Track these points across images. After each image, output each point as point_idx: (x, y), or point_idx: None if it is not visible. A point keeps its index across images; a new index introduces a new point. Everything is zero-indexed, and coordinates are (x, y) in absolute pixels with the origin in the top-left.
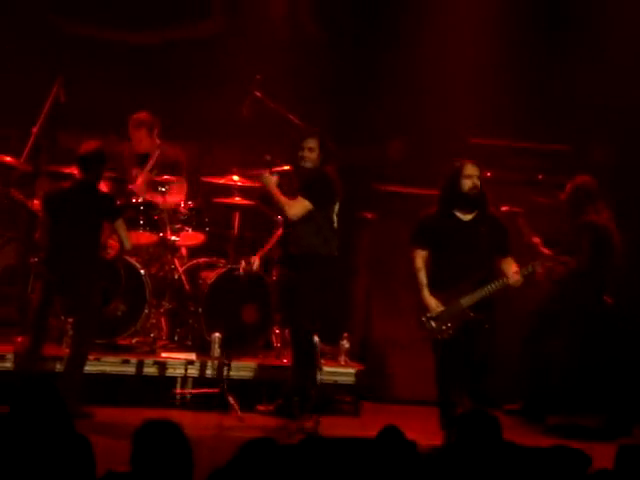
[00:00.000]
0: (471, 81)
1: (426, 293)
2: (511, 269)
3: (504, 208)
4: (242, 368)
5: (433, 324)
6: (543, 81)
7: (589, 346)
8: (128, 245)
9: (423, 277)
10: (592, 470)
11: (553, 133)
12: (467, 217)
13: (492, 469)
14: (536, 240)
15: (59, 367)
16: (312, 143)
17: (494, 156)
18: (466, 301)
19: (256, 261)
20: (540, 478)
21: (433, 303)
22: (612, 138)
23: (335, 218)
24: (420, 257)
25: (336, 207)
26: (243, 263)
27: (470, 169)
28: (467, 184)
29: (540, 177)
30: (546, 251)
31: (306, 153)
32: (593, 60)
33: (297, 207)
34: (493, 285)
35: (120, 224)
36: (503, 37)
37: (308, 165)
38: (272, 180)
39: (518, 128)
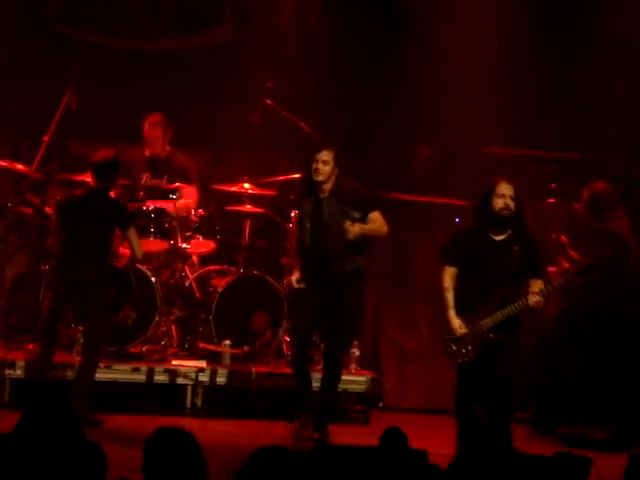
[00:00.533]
0: (487, 90)
1: (452, 314)
2: (532, 289)
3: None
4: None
5: (454, 347)
6: (559, 90)
7: (601, 355)
8: (139, 254)
9: (450, 297)
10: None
11: (568, 142)
12: (500, 237)
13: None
14: (564, 239)
15: (70, 375)
16: (326, 156)
17: (509, 165)
18: (487, 323)
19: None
20: None
21: (457, 324)
22: (627, 149)
23: None
24: (449, 275)
25: None
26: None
27: (503, 188)
28: (498, 204)
29: (553, 185)
30: (573, 253)
31: (320, 165)
32: (610, 71)
33: (382, 223)
34: (513, 307)
35: (132, 232)
36: (520, 45)
37: (321, 179)
38: (355, 229)
39: (534, 137)
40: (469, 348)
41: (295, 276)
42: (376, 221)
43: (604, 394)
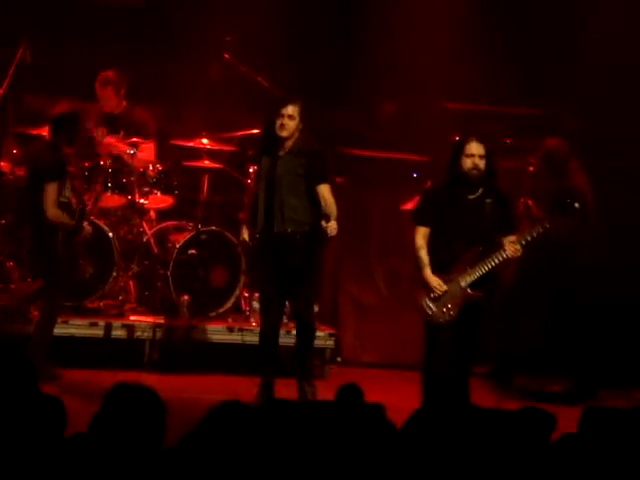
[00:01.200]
0: (445, 47)
1: (428, 272)
2: (508, 240)
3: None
4: (211, 331)
5: (433, 307)
6: (516, 46)
7: (558, 309)
8: (48, 213)
9: (425, 255)
10: (557, 433)
11: (525, 98)
12: (471, 195)
13: (459, 433)
14: (529, 202)
15: (29, 329)
16: (292, 110)
17: (465, 120)
18: (465, 279)
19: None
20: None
21: (435, 282)
22: (582, 103)
23: None
24: (421, 235)
25: None
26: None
27: (473, 148)
28: (467, 164)
29: (509, 141)
30: (538, 214)
31: (285, 120)
32: (565, 26)
33: (333, 201)
34: (492, 260)
35: (48, 187)
36: (480, 3)
37: (285, 134)
38: (334, 226)
39: (492, 93)
40: (449, 306)
41: (245, 233)
42: (329, 199)
43: (561, 348)
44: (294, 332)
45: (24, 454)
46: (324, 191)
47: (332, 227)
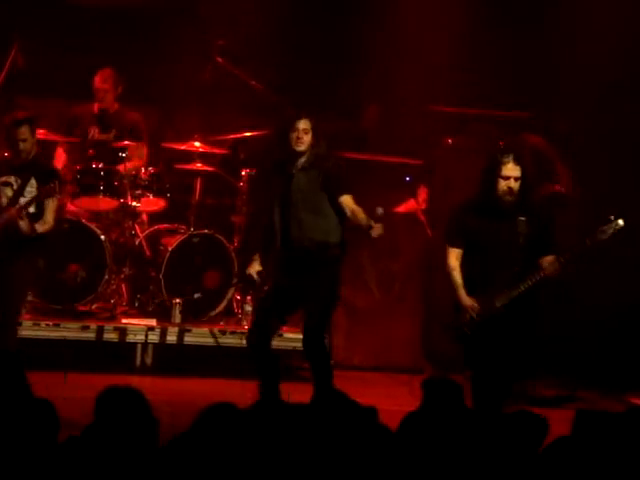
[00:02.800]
0: (434, 50)
1: (463, 293)
2: (546, 260)
3: None
4: (202, 334)
5: (467, 328)
6: (506, 49)
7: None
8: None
9: (458, 277)
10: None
11: (515, 101)
12: (504, 214)
13: (455, 435)
14: None
15: None
16: (306, 124)
17: (457, 124)
18: (501, 301)
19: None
20: (499, 443)
21: (469, 303)
22: (573, 106)
23: None
24: (454, 256)
25: None
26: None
27: (508, 169)
28: (502, 187)
29: (501, 144)
30: None
31: (301, 134)
32: (558, 26)
33: (357, 207)
34: (529, 280)
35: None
36: (468, 5)
37: (302, 148)
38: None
39: (481, 96)
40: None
41: (255, 268)
42: (355, 208)
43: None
44: (286, 335)
45: (17, 458)
46: (348, 201)
47: (377, 228)
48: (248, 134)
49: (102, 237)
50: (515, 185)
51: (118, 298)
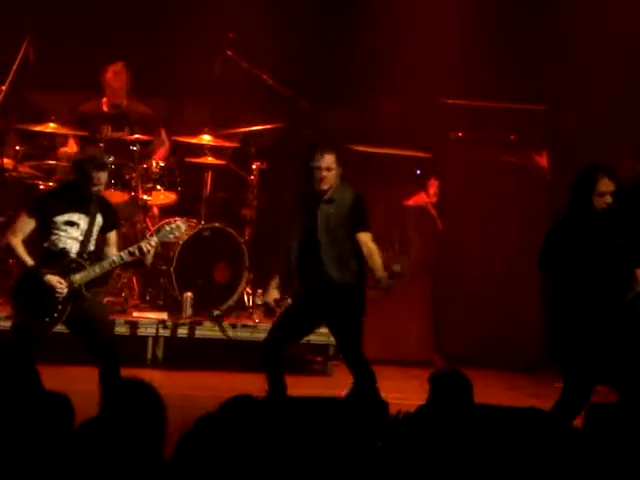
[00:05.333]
0: (446, 43)
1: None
2: None
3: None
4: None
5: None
6: (518, 41)
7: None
8: None
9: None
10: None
11: (526, 94)
12: (602, 234)
13: (464, 430)
14: None
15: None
16: (330, 161)
17: (468, 116)
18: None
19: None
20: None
21: None
22: (584, 100)
23: None
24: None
25: None
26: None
27: (605, 185)
28: (600, 204)
29: (512, 137)
30: None
31: (324, 173)
32: (569, 21)
33: (374, 248)
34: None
35: None
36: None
37: (326, 187)
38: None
39: (492, 89)
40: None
41: (272, 296)
42: (372, 248)
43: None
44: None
45: (34, 451)
46: (366, 240)
47: (388, 284)
48: (259, 127)
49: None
50: (612, 200)
51: (129, 292)
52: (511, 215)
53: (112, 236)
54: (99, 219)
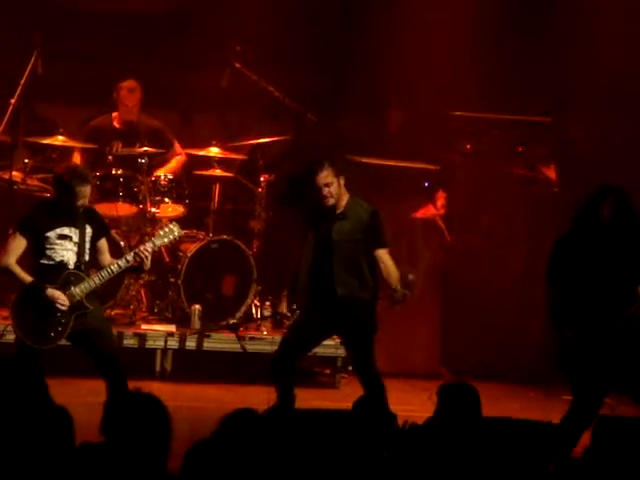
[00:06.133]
0: (453, 55)
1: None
2: None
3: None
4: (221, 340)
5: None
6: (526, 53)
7: None
8: None
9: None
10: None
11: (533, 106)
12: (608, 245)
13: (472, 442)
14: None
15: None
16: (327, 177)
17: (475, 128)
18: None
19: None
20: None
21: None
22: (591, 110)
23: None
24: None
25: None
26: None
27: (607, 207)
28: (607, 213)
29: (520, 149)
30: None
31: (325, 191)
32: (575, 33)
33: (391, 263)
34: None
35: None
36: (487, 10)
37: (331, 202)
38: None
39: (500, 101)
40: None
41: (285, 307)
42: (389, 264)
43: None
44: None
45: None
46: (384, 256)
47: (402, 294)
48: (266, 140)
49: (122, 243)
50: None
51: (137, 304)
52: (519, 227)
53: (103, 243)
54: (88, 229)
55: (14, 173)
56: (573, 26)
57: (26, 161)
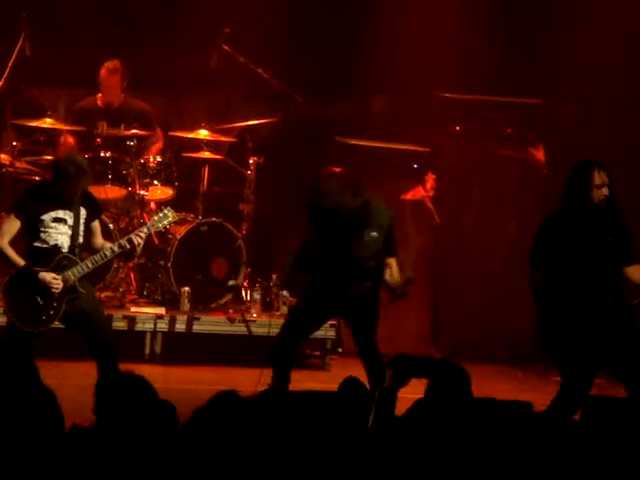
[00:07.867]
0: (441, 36)
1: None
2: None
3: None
4: (211, 322)
5: None
6: (515, 34)
7: None
8: None
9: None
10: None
11: (524, 87)
12: (595, 227)
13: (462, 423)
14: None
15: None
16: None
17: (465, 110)
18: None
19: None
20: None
21: None
22: (581, 92)
23: None
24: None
25: None
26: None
27: (599, 177)
28: (598, 197)
29: (509, 131)
30: None
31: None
32: (564, 14)
33: (397, 270)
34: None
35: None
36: None
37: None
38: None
39: (489, 82)
40: None
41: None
42: (395, 273)
43: None
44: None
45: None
46: (393, 264)
47: (402, 291)
48: (255, 122)
49: (111, 226)
50: (607, 191)
51: (127, 287)
52: (508, 209)
53: (96, 225)
54: (83, 212)
55: (2, 156)
56: (562, 7)
57: (14, 144)
